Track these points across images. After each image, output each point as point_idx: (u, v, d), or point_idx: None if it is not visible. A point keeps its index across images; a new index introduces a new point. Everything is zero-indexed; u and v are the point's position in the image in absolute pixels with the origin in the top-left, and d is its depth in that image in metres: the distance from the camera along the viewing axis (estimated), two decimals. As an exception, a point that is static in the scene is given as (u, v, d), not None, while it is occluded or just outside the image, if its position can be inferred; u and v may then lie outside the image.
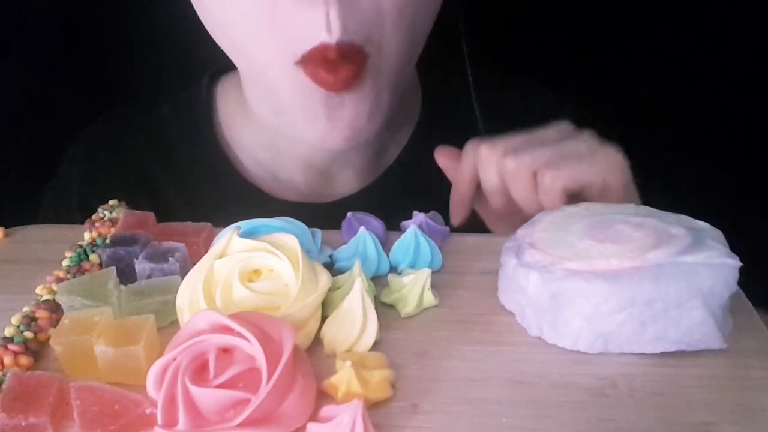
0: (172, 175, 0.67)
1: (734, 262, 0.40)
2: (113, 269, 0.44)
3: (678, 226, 0.43)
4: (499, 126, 0.58)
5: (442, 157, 0.59)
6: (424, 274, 0.44)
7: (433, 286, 0.45)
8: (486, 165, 0.55)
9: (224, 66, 0.68)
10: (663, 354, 0.40)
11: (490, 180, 0.55)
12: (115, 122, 0.71)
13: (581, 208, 0.46)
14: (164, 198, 0.67)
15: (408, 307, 0.44)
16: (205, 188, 0.67)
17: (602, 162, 0.53)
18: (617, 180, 0.53)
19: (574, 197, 0.52)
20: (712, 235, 0.42)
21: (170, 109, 0.69)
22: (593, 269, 0.40)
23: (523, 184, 0.53)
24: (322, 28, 0.49)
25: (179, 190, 0.67)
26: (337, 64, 0.51)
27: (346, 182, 0.67)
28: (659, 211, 0.45)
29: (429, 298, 0.44)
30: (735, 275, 0.40)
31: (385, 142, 0.66)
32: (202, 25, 0.56)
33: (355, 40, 0.50)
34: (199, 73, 0.70)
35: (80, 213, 0.64)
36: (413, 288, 0.44)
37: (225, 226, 0.48)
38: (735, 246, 0.42)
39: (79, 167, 0.69)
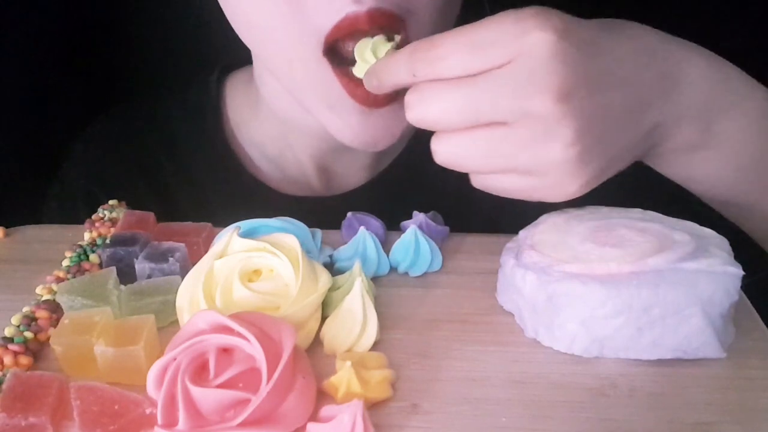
0: (179, 171, 0.67)
1: (736, 271, 0.40)
2: (113, 269, 0.44)
3: (682, 232, 0.43)
4: None
5: None
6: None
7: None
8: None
9: (234, 62, 0.68)
10: (663, 354, 0.40)
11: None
12: (120, 118, 0.71)
13: (586, 211, 0.46)
14: (171, 193, 0.66)
15: None
16: (212, 183, 0.66)
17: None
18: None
19: None
20: (717, 242, 0.42)
21: (178, 105, 0.69)
22: (591, 273, 0.40)
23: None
24: (348, 1, 0.46)
25: (186, 186, 0.67)
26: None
27: (353, 175, 0.67)
28: (665, 216, 0.45)
29: None
30: (737, 284, 0.40)
31: None
32: (212, 21, 0.56)
33: (395, 10, 0.46)
34: (206, 70, 0.70)
35: (86, 209, 0.63)
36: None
37: (231, 221, 0.48)
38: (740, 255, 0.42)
39: (84, 164, 0.69)
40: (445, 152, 0.42)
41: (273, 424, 0.34)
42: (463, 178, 0.44)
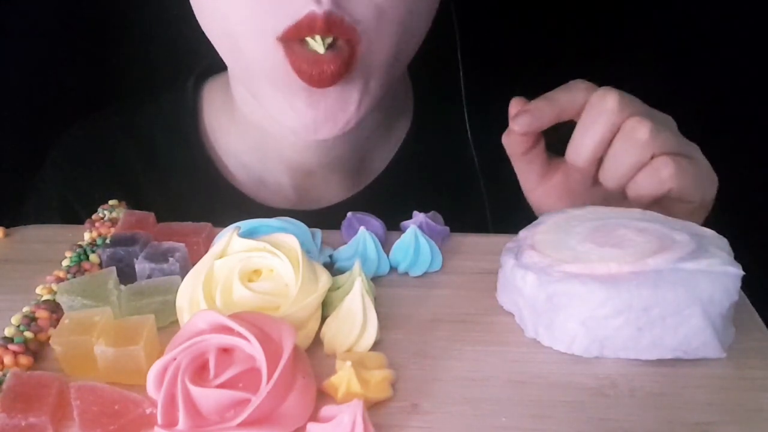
0: (156, 180, 0.66)
1: (736, 271, 0.40)
2: (113, 269, 0.44)
3: (682, 232, 0.43)
4: (490, 139, 0.56)
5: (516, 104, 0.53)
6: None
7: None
8: (604, 113, 0.49)
9: (210, 68, 0.67)
10: (663, 354, 0.40)
11: (595, 130, 0.49)
12: (96, 125, 0.70)
13: (586, 211, 0.46)
14: (147, 201, 0.64)
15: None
16: (190, 193, 0.65)
17: (712, 184, 0.52)
18: (710, 202, 0.52)
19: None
20: (717, 242, 0.42)
21: (154, 112, 0.68)
22: (591, 273, 0.40)
23: (633, 157, 0.49)
24: (310, 1, 0.47)
25: (163, 195, 0.66)
26: (323, 59, 0.49)
27: (334, 189, 0.66)
28: (665, 216, 0.45)
29: None
30: (737, 284, 0.40)
31: (373, 146, 0.65)
32: (190, 25, 0.56)
33: (346, 18, 0.48)
34: (184, 75, 0.69)
35: (62, 219, 0.63)
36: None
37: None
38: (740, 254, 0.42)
39: (60, 172, 0.68)
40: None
41: (273, 424, 0.34)
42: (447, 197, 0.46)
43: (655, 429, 0.36)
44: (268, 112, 0.56)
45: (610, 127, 0.49)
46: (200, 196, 0.65)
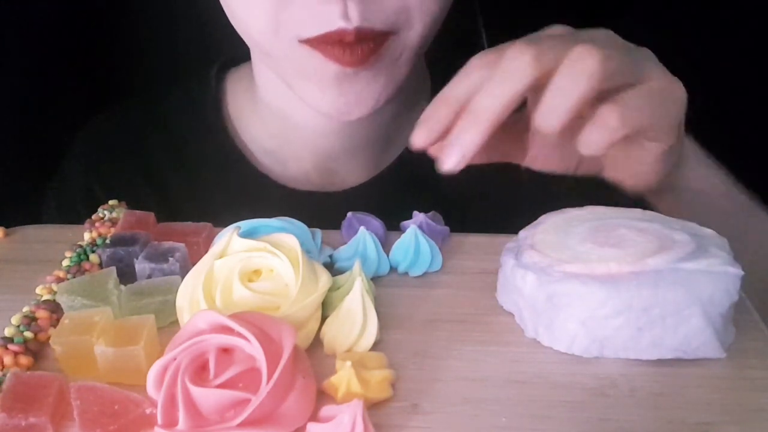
0: (180, 166, 0.67)
1: (736, 271, 0.40)
2: (113, 269, 0.44)
3: (682, 232, 0.43)
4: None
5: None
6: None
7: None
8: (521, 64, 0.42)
9: (233, 57, 0.69)
10: (663, 354, 0.40)
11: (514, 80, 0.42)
12: (120, 114, 0.71)
13: (586, 211, 0.46)
14: (171, 189, 0.67)
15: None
16: (214, 178, 0.67)
17: (675, 101, 0.45)
18: (681, 122, 0.47)
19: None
20: (717, 242, 0.42)
21: (178, 100, 0.69)
22: (591, 273, 0.40)
23: (575, 95, 0.41)
24: (338, 17, 0.48)
25: (187, 181, 0.67)
26: (354, 45, 0.50)
27: (356, 172, 0.67)
28: (665, 216, 0.45)
29: None
30: (737, 284, 0.40)
31: (394, 129, 0.66)
32: (212, 17, 0.56)
33: (376, 27, 0.50)
34: (207, 64, 0.70)
35: (86, 206, 0.63)
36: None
37: (233, 215, 0.48)
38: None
39: (84, 160, 0.69)
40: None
41: (273, 424, 0.34)
42: (466, 178, 0.46)
43: (655, 429, 0.36)
44: (301, 99, 0.57)
45: (545, 61, 0.42)
46: (224, 181, 0.66)
